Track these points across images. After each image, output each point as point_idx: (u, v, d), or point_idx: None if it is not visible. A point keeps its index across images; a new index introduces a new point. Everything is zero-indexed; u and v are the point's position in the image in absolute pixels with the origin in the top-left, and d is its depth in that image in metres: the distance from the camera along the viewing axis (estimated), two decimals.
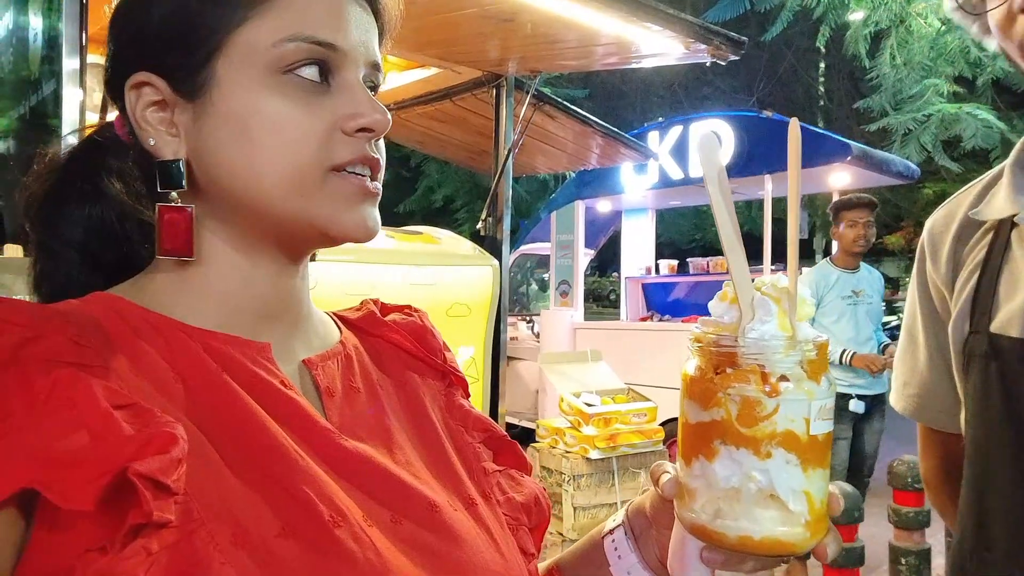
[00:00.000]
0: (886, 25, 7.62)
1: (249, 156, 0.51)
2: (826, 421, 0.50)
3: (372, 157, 0.54)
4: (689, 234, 14.44)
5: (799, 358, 0.49)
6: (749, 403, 0.49)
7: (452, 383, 0.68)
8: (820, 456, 0.50)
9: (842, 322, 3.48)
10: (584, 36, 2.80)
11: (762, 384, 0.49)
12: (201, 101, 0.52)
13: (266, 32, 0.52)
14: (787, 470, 0.49)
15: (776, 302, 0.51)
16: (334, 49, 0.53)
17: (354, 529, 0.48)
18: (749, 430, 0.49)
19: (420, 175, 12.89)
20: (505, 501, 0.63)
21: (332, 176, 0.53)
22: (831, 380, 0.51)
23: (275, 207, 0.52)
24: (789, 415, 0.49)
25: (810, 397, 0.49)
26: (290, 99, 0.52)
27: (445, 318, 2.64)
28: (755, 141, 5.66)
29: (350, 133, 0.53)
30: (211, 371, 0.50)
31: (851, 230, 3.50)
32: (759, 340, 0.49)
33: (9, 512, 0.39)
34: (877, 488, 3.89)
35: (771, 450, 0.49)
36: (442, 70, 3.32)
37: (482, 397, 2.79)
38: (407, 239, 2.74)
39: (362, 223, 0.54)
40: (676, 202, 7.66)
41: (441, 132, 4.22)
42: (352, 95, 0.54)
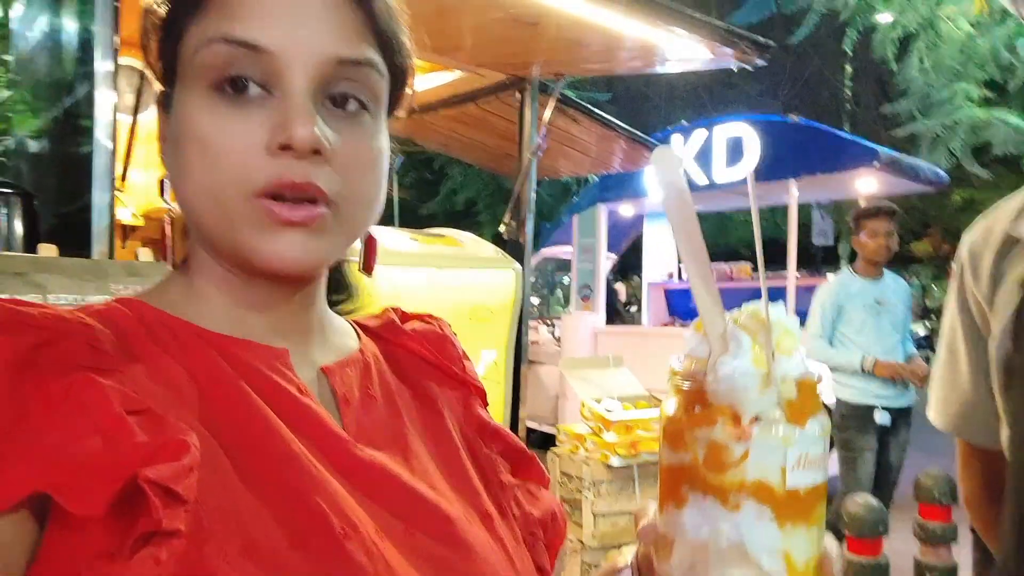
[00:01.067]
0: (914, 28, 7.51)
1: (184, 178, 0.49)
2: (811, 471, 0.44)
3: (298, 182, 0.47)
4: (711, 239, 14.33)
5: (775, 398, 0.43)
6: (716, 447, 0.44)
7: (471, 393, 0.67)
8: (802, 512, 0.44)
9: (865, 331, 3.42)
10: (609, 40, 2.79)
11: (732, 426, 0.43)
12: (170, 117, 0.52)
13: (195, 38, 0.48)
14: (759, 525, 0.43)
15: (750, 334, 0.45)
16: (259, 51, 0.47)
17: (365, 542, 0.47)
18: (716, 477, 0.44)
19: (443, 178, 12.93)
20: (521, 516, 0.62)
21: (255, 202, 0.47)
22: (823, 425, 0.45)
23: (209, 232, 0.50)
24: (761, 463, 0.43)
25: (786, 444, 0.43)
26: (213, 116, 0.47)
27: (467, 321, 2.64)
28: (780, 145, 5.60)
29: (273, 152, 0.47)
30: (227, 377, 0.49)
31: (872, 240, 3.43)
32: (728, 377, 0.44)
33: (22, 515, 0.39)
34: (902, 502, 3.82)
35: (740, 501, 0.43)
36: (467, 73, 3.32)
37: (503, 401, 2.79)
38: (430, 241, 2.75)
39: (283, 253, 0.48)
40: (699, 207, 7.56)
41: (465, 135, 4.23)
42: (280, 107, 0.47)
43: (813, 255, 11.99)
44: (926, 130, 7.82)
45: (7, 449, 0.38)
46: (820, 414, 0.45)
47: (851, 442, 3.40)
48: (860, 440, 3.37)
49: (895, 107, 8.23)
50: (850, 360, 3.35)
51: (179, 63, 0.50)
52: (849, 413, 3.40)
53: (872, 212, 3.45)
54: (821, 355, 3.46)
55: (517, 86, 3.29)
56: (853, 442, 3.39)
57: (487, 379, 2.76)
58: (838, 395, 3.48)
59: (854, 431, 3.39)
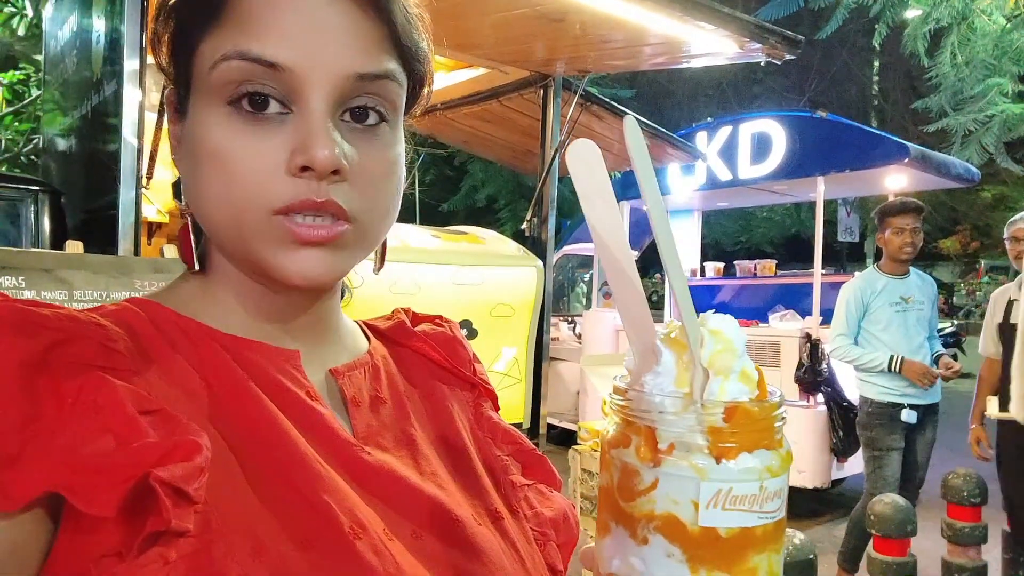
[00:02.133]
0: (947, 22, 7.35)
1: (200, 189, 0.49)
2: (736, 513, 0.38)
3: (319, 202, 0.47)
4: (735, 236, 14.21)
5: (696, 423, 0.38)
6: (628, 471, 0.39)
7: (481, 395, 0.67)
8: (723, 558, 0.38)
9: (891, 330, 3.36)
10: (634, 36, 2.76)
11: (645, 450, 0.39)
12: (184, 123, 0.51)
13: (210, 52, 0.47)
14: (667, 565, 0.38)
15: (677, 351, 0.40)
16: (277, 69, 0.46)
17: (375, 542, 0.47)
18: (626, 505, 0.40)
19: (464, 174, 12.94)
20: (533, 516, 0.62)
21: (274, 219, 0.47)
22: (768, 463, 0.39)
23: (226, 244, 0.51)
24: (670, 494, 0.38)
25: (701, 476, 0.38)
26: (231, 133, 0.47)
27: (489, 318, 2.63)
28: (807, 142, 5.52)
29: (294, 173, 0.47)
30: (238, 378, 0.49)
31: (897, 237, 3.36)
32: (646, 395, 0.40)
33: (36, 514, 0.39)
34: (929, 501, 3.76)
35: (648, 535, 0.39)
36: (490, 70, 3.32)
37: (524, 398, 2.78)
38: (452, 239, 2.75)
39: (306, 269, 0.48)
40: (724, 204, 7.54)
41: (487, 132, 4.23)
42: (301, 126, 0.47)
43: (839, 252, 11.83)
44: (957, 126, 7.66)
45: (20, 449, 0.38)
46: (766, 449, 0.39)
47: (877, 441, 3.34)
48: (886, 439, 3.32)
49: (925, 103, 8.07)
50: (877, 360, 3.30)
51: (194, 74, 0.49)
52: (875, 411, 3.35)
53: (897, 208, 3.38)
54: (847, 354, 3.41)
55: (540, 83, 3.28)
56: (879, 441, 3.34)
57: (507, 376, 2.76)
58: (863, 393, 3.43)
59: (880, 429, 3.33)
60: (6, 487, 0.38)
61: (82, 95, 2.61)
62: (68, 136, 2.83)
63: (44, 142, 3.62)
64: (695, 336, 0.39)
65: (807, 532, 4.41)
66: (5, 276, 1.44)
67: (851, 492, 4.80)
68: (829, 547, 3.92)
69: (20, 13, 6.67)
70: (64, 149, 2.96)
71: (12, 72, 7.16)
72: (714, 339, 0.40)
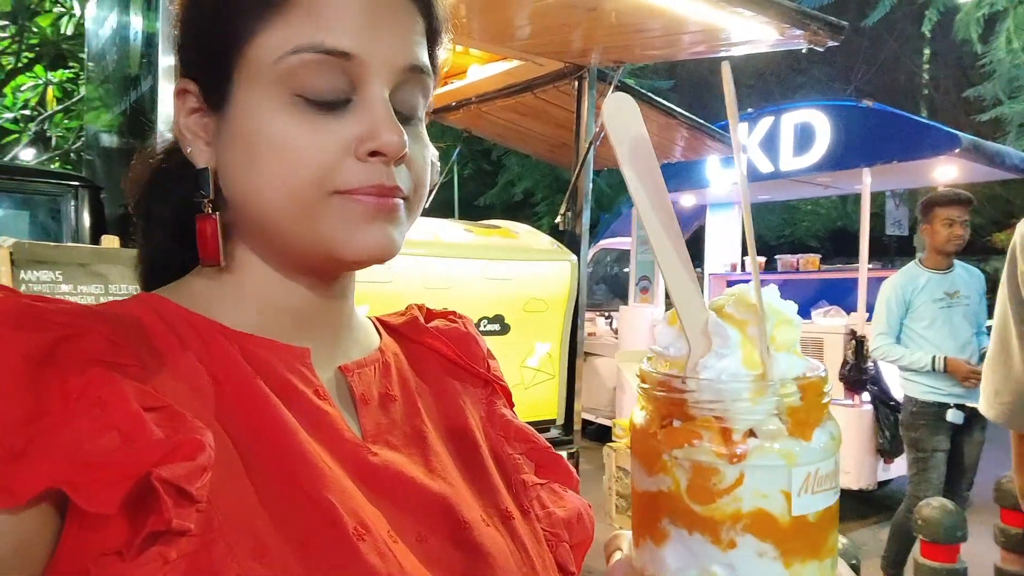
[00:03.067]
0: (1002, 6, 7.07)
1: (254, 177, 0.49)
2: (822, 493, 0.36)
3: (385, 186, 0.49)
4: (778, 230, 13.92)
5: (774, 406, 0.35)
6: (702, 471, 0.35)
7: (495, 391, 0.67)
8: (813, 544, 0.36)
9: (936, 326, 3.24)
10: (671, 24, 2.70)
11: (720, 444, 0.35)
12: (223, 114, 0.51)
13: (273, 44, 0.48)
14: (760, 565, 0.35)
15: (739, 327, 0.36)
16: (348, 58, 0.48)
17: (378, 543, 0.47)
18: (704, 508, 0.36)
19: (501, 168, 12.94)
20: (545, 516, 0.61)
21: (336, 198, 0.49)
22: (833, 434, 0.36)
23: (281, 229, 0.50)
24: (759, 489, 0.35)
25: (790, 462, 0.35)
26: (296, 120, 0.48)
27: (521, 313, 2.61)
28: (852, 132, 5.37)
29: (361, 158, 0.48)
30: (245, 376, 0.49)
31: (947, 229, 3.23)
32: (714, 382, 0.36)
33: (42, 510, 0.39)
34: (982, 505, 3.62)
35: (735, 537, 0.35)
36: (524, 62, 3.28)
37: (558, 394, 2.75)
38: (485, 233, 2.73)
39: (372, 244, 0.50)
40: (765, 196, 7.38)
41: (522, 125, 4.19)
42: (368, 114, 0.48)
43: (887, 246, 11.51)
44: (1012, 114, 7.36)
45: (25, 445, 0.38)
46: (827, 421, 0.37)
47: (922, 442, 3.23)
48: (931, 440, 3.21)
49: (978, 91, 7.78)
50: (920, 360, 3.18)
51: (244, 65, 0.49)
52: (919, 411, 3.24)
53: (948, 199, 3.25)
54: (888, 354, 3.30)
55: (575, 75, 3.23)
56: (924, 442, 3.22)
57: (540, 372, 2.73)
58: (907, 392, 3.32)
59: (925, 430, 3.22)
60: (10, 483, 0.37)
61: (122, 91, 2.66)
62: (110, 132, 2.88)
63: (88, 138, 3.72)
64: (765, 308, 0.35)
65: (852, 535, 4.31)
66: (43, 271, 1.46)
67: (898, 494, 4.66)
68: (875, 550, 3.81)
69: (68, 12, 6.86)
70: (106, 145, 3.02)
71: (62, 71, 7.38)
72: (771, 313, 0.36)
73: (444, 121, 4.57)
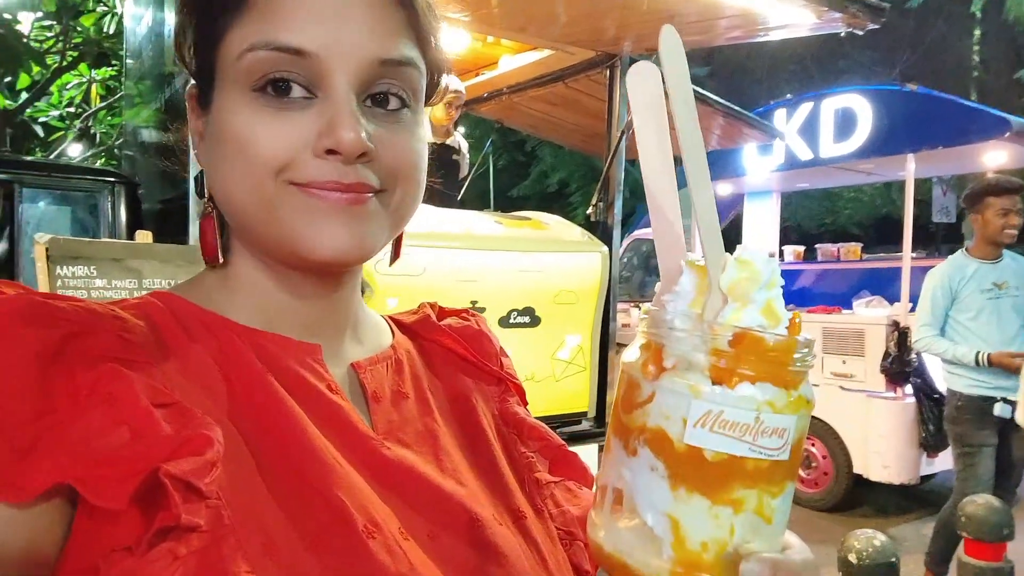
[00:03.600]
0: None
1: (224, 175, 0.50)
2: (725, 437, 0.37)
3: (342, 183, 0.48)
4: (819, 218, 13.61)
5: (700, 343, 0.38)
6: (632, 384, 0.41)
7: (507, 389, 0.67)
8: (705, 481, 0.38)
9: (983, 317, 3.13)
10: (705, 9, 2.65)
11: (650, 364, 0.40)
12: (208, 114, 0.52)
13: (237, 42, 0.48)
14: (650, 478, 0.39)
15: (698, 274, 0.40)
16: (303, 55, 0.47)
17: (388, 541, 0.47)
18: (625, 417, 0.41)
19: (535, 159, 12.89)
20: (559, 514, 0.61)
21: (293, 189, 0.48)
22: (772, 397, 0.38)
23: (250, 225, 0.51)
24: (663, 409, 0.39)
25: (693, 394, 0.38)
26: (256, 116, 0.48)
27: (552, 305, 2.59)
28: (896, 117, 5.20)
29: (319, 154, 0.48)
30: (256, 372, 0.49)
31: (1000, 218, 3.10)
32: (659, 312, 0.40)
33: (53, 505, 0.39)
34: None
35: (637, 447, 0.40)
36: (555, 52, 3.25)
37: (588, 386, 2.73)
38: (515, 225, 2.71)
39: (337, 241, 0.48)
40: (804, 184, 7.22)
41: (554, 115, 4.16)
42: (325, 109, 0.48)
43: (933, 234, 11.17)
44: None
45: (35, 441, 0.38)
46: (772, 385, 0.38)
47: (967, 437, 3.13)
48: (978, 435, 3.10)
49: None
50: (965, 355, 3.07)
51: (218, 65, 0.50)
52: (965, 405, 3.13)
53: (1001, 187, 3.12)
54: (931, 346, 3.19)
55: (607, 63, 3.19)
56: (970, 437, 3.12)
57: (572, 364, 2.71)
58: (951, 385, 3.22)
59: (971, 425, 3.12)
60: (20, 479, 0.38)
61: (158, 88, 2.70)
62: (147, 128, 2.94)
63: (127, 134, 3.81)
64: (715, 258, 0.39)
65: (893, 530, 4.21)
66: (78, 266, 1.49)
67: (941, 489, 4.55)
68: (917, 546, 3.72)
69: (111, 11, 7.01)
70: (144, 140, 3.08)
71: (105, 68, 7.56)
72: (739, 267, 0.39)
73: (476, 112, 4.56)
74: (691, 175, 0.39)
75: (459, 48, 3.42)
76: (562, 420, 2.66)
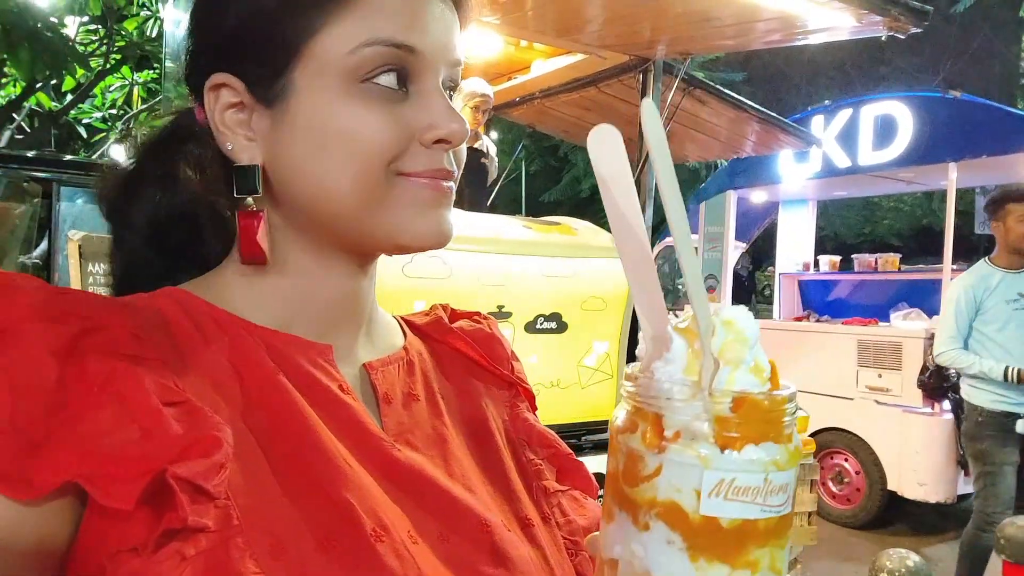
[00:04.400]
0: None
1: (323, 166, 0.50)
2: (739, 504, 0.38)
3: (446, 170, 0.52)
4: (857, 227, 13.34)
5: (702, 411, 0.38)
6: (633, 456, 0.40)
7: (518, 394, 0.67)
8: (723, 548, 0.38)
9: (1009, 329, 3.03)
10: (742, 12, 2.61)
11: (651, 436, 0.39)
12: (279, 108, 0.51)
13: (342, 39, 0.49)
14: (667, 552, 0.38)
15: (687, 339, 0.40)
16: (413, 52, 0.50)
17: (396, 544, 0.47)
18: (631, 490, 0.40)
19: (567, 164, 12.86)
20: (565, 523, 0.61)
21: (400, 180, 0.51)
22: (777, 457, 0.38)
23: (346, 216, 0.51)
24: (673, 481, 0.38)
25: (704, 464, 0.37)
26: (366, 108, 0.50)
27: (579, 311, 2.57)
28: (938, 125, 5.07)
29: (427, 145, 0.51)
30: (268, 371, 0.49)
31: (1021, 226, 3.01)
32: (653, 381, 0.40)
33: (64, 502, 0.39)
34: None
35: (649, 521, 0.39)
36: (588, 56, 3.24)
37: (615, 394, 2.70)
38: (544, 230, 2.70)
39: (434, 229, 0.52)
40: (842, 192, 7.07)
41: (586, 120, 4.15)
42: (430, 103, 0.51)
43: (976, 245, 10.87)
44: None
45: (46, 437, 0.38)
46: (773, 443, 0.38)
47: (989, 454, 3.03)
48: (1000, 452, 3.01)
49: None
50: (993, 369, 2.97)
51: (308, 58, 0.49)
52: (986, 420, 3.03)
53: (1020, 194, 3.03)
54: (956, 360, 3.09)
55: (640, 68, 3.17)
56: (991, 454, 3.02)
57: (598, 371, 2.68)
58: (972, 400, 3.11)
59: (992, 441, 3.02)
60: (30, 474, 0.38)
61: None
62: None
63: None
64: (706, 324, 0.39)
65: (928, 550, 4.09)
66: (100, 263, 1.51)
67: None
68: (952, 567, 3.60)
69: (155, 15, 7.17)
70: None
71: (147, 72, 7.73)
72: (726, 329, 0.39)
73: (508, 117, 4.56)
74: (679, 245, 0.39)
75: (492, 52, 3.42)
76: (587, 428, 2.63)
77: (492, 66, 3.70)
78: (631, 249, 0.41)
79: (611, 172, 0.41)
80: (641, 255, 0.42)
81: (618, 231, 0.41)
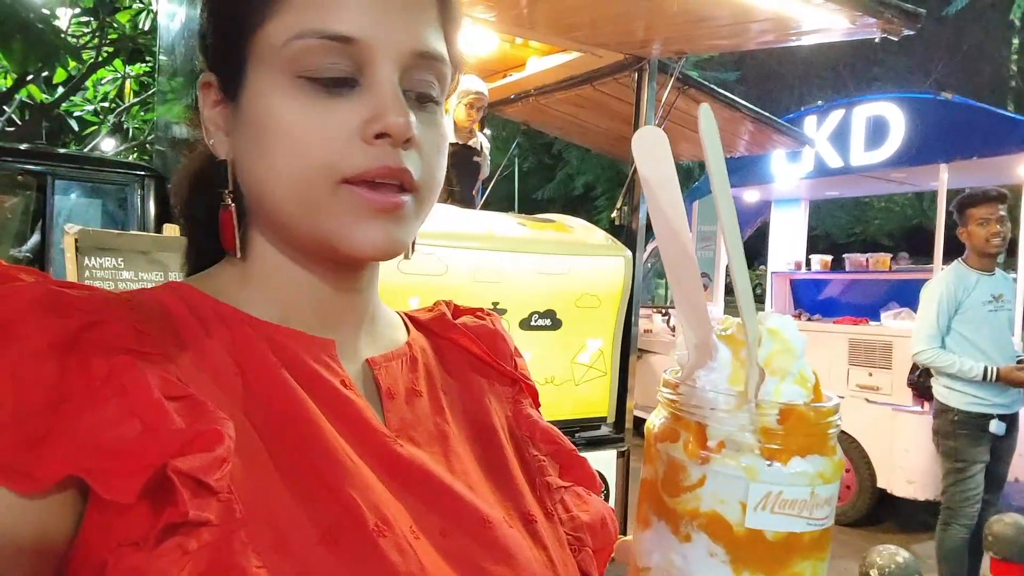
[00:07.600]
0: None
1: (264, 164, 0.49)
2: (785, 517, 0.37)
3: (394, 168, 0.48)
4: (848, 228, 13.41)
5: (748, 422, 0.37)
6: (675, 465, 0.39)
7: (521, 390, 0.66)
8: (767, 561, 0.37)
9: (983, 331, 3.07)
10: (737, 12, 2.62)
11: (694, 446, 0.38)
12: (238, 103, 0.51)
13: (280, 30, 0.48)
14: (709, 565, 0.38)
15: (733, 347, 0.39)
16: (351, 42, 0.47)
17: (399, 539, 0.47)
18: (671, 500, 0.39)
19: (561, 162, 12.86)
20: (568, 519, 0.60)
21: (342, 189, 0.48)
22: (821, 469, 0.38)
23: (289, 219, 0.50)
24: (717, 493, 0.37)
25: (750, 476, 0.37)
26: (300, 105, 0.47)
27: (574, 309, 2.58)
28: (929, 126, 5.11)
29: (369, 140, 0.47)
30: (271, 366, 0.49)
31: (982, 228, 3.06)
32: (697, 390, 0.39)
33: (66, 496, 0.39)
34: None
35: (691, 532, 0.38)
36: (583, 54, 3.24)
37: (609, 391, 2.71)
38: (539, 227, 2.70)
39: (376, 239, 0.49)
40: (834, 192, 7.11)
41: (581, 118, 4.15)
42: (374, 96, 0.48)
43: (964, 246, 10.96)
44: None
45: (47, 431, 0.38)
46: (818, 456, 0.38)
47: (961, 452, 3.08)
48: (972, 451, 3.06)
49: None
50: (972, 370, 3.01)
51: (254, 53, 0.49)
52: (962, 420, 3.08)
53: (978, 199, 3.09)
54: (936, 359, 3.12)
55: (635, 66, 3.17)
56: (964, 453, 3.07)
57: (592, 368, 2.69)
58: (946, 400, 3.15)
59: (966, 440, 3.07)
60: (32, 468, 0.38)
61: (190, 84, 2.74)
62: (178, 124, 2.98)
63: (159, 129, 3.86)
64: (753, 334, 0.38)
65: (916, 546, 4.12)
66: (106, 257, 1.51)
67: None
68: None
69: (147, 8, 7.13)
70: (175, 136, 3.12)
71: (139, 65, 7.69)
72: (772, 339, 0.39)
73: (503, 114, 4.56)
74: (733, 259, 0.38)
75: (487, 49, 3.42)
76: (581, 424, 2.64)
77: (487, 63, 3.70)
78: (674, 256, 0.40)
79: (657, 177, 0.40)
80: (685, 262, 0.40)
81: (662, 238, 0.40)
